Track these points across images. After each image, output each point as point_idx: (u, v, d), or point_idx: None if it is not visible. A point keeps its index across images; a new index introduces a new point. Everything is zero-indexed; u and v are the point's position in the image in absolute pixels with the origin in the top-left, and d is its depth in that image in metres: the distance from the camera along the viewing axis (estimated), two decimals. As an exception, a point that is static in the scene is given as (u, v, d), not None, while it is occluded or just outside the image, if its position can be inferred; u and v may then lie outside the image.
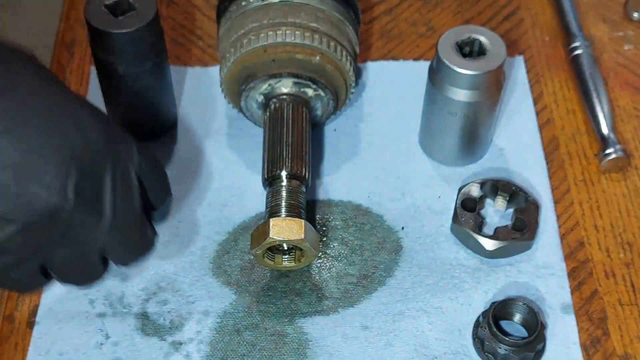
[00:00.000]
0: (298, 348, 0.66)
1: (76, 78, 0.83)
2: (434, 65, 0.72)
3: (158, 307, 0.68)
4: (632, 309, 0.68)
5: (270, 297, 0.69)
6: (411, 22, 0.88)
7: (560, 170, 0.77)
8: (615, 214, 0.74)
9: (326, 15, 0.73)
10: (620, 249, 0.72)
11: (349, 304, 0.69)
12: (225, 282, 0.70)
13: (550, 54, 0.85)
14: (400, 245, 0.72)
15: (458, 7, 0.89)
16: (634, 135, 0.79)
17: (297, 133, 0.71)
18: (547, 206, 0.74)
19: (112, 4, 0.70)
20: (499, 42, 0.70)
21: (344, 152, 0.78)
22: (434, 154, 0.77)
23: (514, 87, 0.82)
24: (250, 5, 0.73)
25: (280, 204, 0.67)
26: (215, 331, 0.67)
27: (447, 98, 0.71)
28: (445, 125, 0.73)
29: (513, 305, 0.66)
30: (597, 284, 0.70)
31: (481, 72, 0.69)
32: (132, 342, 0.66)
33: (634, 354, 0.66)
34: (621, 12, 0.88)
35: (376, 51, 0.85)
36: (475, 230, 0.70)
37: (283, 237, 0.65)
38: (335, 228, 0.73)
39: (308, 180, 0.70)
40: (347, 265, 0.71)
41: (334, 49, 0.72)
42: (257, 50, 0.72)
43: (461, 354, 0.66)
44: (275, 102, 0.73)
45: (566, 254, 0.71)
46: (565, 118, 0.80)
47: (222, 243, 0.72)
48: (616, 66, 0.84)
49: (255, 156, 0.75)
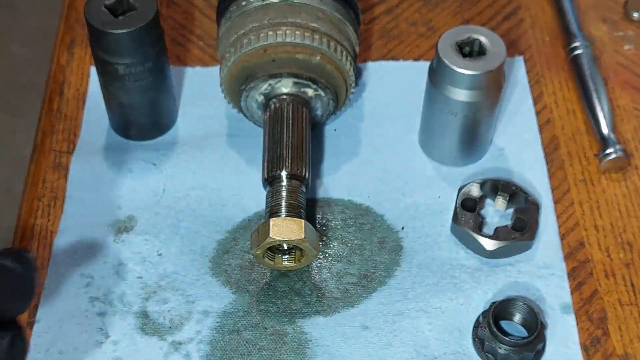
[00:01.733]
0: (298, 348, 0.66)
1: (76, 78, 0.83)
2: (434, 65, 0.72)
3: (158, 306, 0.68)
4: (632, 309, 0.68)
5: (270, 297, 0.69)
6: (411, 22, 0.88)
7: (560, 170, 0.77)
8: (615, 214, 0.74)
9: (326, 15, 0.73)
10: (620, 249, 0.72)
11: (349, 304, 0.69)
12: (225, 281, 0.70)
13: (550, 54, 0.85)
14: (400, 245, 0.72)
15: (458, 7, 0.89)
16: (634, 135, 0.79)
17: (297, 133, 0.71)
18: (547, 206, 0.74)
19: (112, 4, 0.70)
20: (499, 42, 0.71)
21: (344, 152, 0.78)
22: (434, 154, 0.77)
23: (514, 87, 0.82)
24: (251, 5, 0.73)
25: (280, 204, 0.67)
26: (215, 331, 0.67)
27: (447, 98, 0.71)
28: (445, 125, 0.73)
29: (513, 305, 0.66)
30: (597, 284, 0.70)
31: (481, 72, 0.69)
32: (132, 341, 0.66)
33: (634, 354, 0.66)
34: (621, 12, 0.88)
35: (376, 51, 0.85)
36: (475, 230, 0.70)
37: (283, 237, 0.65)
38: (335, 228, 0.73)
39: (308, 180, 0.70)
40: (347, 265, 0.71)
41: (334, 49, 0.72)
42: (257, 50, 0.72)
43: (461, 354, 0.66)
44: (275, 102, 0.73)
45: (566, 254, 0.71)
46: (565, 118, 0.80)
47: (222, 242, 0.72)
48: (616, 66, 0.84)
49: (255, 156, 0.75)
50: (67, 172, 0.76)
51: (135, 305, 0.68)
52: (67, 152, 0.77)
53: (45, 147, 0.78)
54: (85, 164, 0.76)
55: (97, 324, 0.67)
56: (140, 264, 0.70)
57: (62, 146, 0.78)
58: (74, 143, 0.78)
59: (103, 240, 0.72)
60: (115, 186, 0.75)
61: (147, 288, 0.69)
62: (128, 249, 0.71)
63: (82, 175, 0.76)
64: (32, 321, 0.67)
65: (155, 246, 0.71)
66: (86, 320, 0.67)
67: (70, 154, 0.77)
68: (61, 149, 0.78)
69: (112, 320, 0.67)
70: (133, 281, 0.69)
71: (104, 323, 0.67)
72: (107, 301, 0.68)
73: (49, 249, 0.71)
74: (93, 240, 0.72)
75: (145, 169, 0.76)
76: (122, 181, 0.75)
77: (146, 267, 0.70)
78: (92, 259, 0.70)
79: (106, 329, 0.67)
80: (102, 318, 0.67)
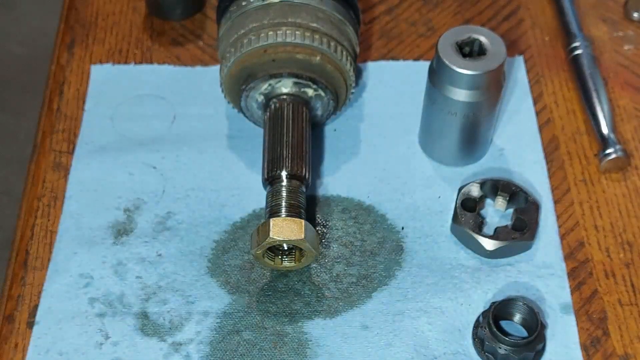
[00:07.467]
0: (298, 348, 0.66)
1: (76, 78, 0.83)
2: (434, 65, 0.72)
3: (158, 307, 0.68)
4: (632, 309, 0.68)
5: (269, 297, 0.69)
6: (411, 22, 0.88)
7: (560, 170, 0.77)
8: (615, 214, 0.74)
9: (326, 16, 0.73)
10: (620, 249, 0.72)
11: (349, 304, 0.69)
12: (224, 282, 0.70)
13: (550, 54, 0.85)
14: (400, 245, 0.72)
15: (458, 7, 0.89)
16: (634, 135, 0.79)
17: (297, 133, 0.71)
18: (547, 206, 0.74)
19: None
20: (499, 42, 0.70)
21: (344, 152, 0.78)
22: (434, 154, 0.77)
23: (514, 87, 0.82)
24: (251, 5, 0.73)
25: (280, 204, 0.67)
26: (215, 331, 0.67)
27: (447, 98, 0.71)
28: (445, 125, 0.73)
29: (513, 305, 0.66)
30: (597, 284, 0.70)
31: (481, 72, 0.69)
32: (132, 342, 0.66)
33: (634, 354, 0.66)
34: (621, 12, 0.88)
35: (376, 51, 0.85)
36: (475, 230, 0.70)
37: (283, 237, 0.65)
38: (335, 228, 0.73)
39: (308, 180, 0.70)
40: (347, 266, 0.71)
41: (334, 49, 0.72)
42: (257, 50, 0.72)
43: (461, 354, 0.66)
44: (276, 102, 0.73)
45: (566, 254, 0.71)
46: (565, 118, 0.80)
47: (222, 243, 0.72)
48: (616, 66, 0.84)
49: (255, 156, 0.75)
50: (67, 172, 0.76)
51: (135, 306, 0.68)
52: (67, 152, 0.77)
53: (45, 147, 0.78)
54: (85, 164, 0.76)
55: (96, 325, 0.67)
56: (139, 265, 0.70)
57: (62, 146, 0.78)
58: (74, 143, 0.78)
59: (103, 241, 0.72)
60: (115, 186, 0.75)
61: (146, 289, 0.69)
62: (127, 249, 0.71)
63: (82, 175, 0.76)
64: (31, 322, 0.67)
65: (155, 247, 0.71)
66: (86, 321, 0.67)
67: (70, 154, 0.77)
68: (61, 149, 0.78)
69: (111, 321, 0.67)
70: (133, 282, 0.69)
71: (103, 324, 0.67)
72: (106, 302, 0.68)
73: (49, 249, 0.71)
74: (93, 240, 0.72)
75: (145, 169, 0.76)
76: (122, 181, 0.75)
77: (146, 268, 0.70)
78: (92, 260, 0.70)
79: (106, 330, 0.67)
80: (102, 319, 0.67)
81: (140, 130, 0.79)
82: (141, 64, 0.84)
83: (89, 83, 0.82)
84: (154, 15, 0.87)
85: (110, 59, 0.84)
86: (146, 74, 0.83)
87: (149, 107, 0.81)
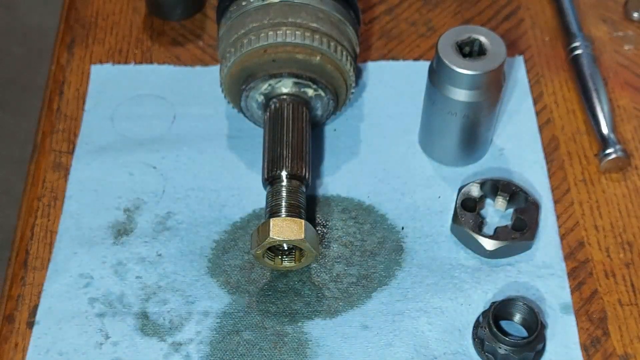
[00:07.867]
0: (298, 348, 0.66)
1: (76, 78, 0.83)
2: (434, 65, 0.72)
3: (158, 307, 0.68)
4: (632, 309, 0.68)
5: (269, 297, 0.69)
6: (411, 22, 0.88)
7: (560, 170, 0.77)
8: (615, 214, 0.74)
9: (326, 16, 0.73)
10: (620, 249, 0.72)
11: (349, 304, 0.69)
12: (224, 282, 0.70)
13: (550, 54, 0.85)
14: (400, 245, 0.72)
15: (458, 7, 0.89)
16: (634, 135, 0.79)
17: (297, 133, 0.71)
18: (547, 206, 0.74)
19: None
20: (499, 42, 0.70)
21: (344, 152, 0.78)
22: (434, 154, 0.77)
23: (514, 87, 0.82)
24: (251, 5, 0.73)
25: (280, 204, 0.67)
26: (215, 331, 0.67)
27: (447, 98, 0.71)
28: (445, 125, 0.73)
29: (513, 305, 0.66)
30: (597, 284, 0.70)
31: (481, 72, 0.69)
32: (132, 342, 0.66)
33: (634, 354, 0.66)
34: (621, 12, 0.88)
35: (376, 51, 0.85)
36: (475, 230, 0.70)
37: (283, 237, 0.65)
38: (335, 228, 0.73)
39: (308, 180, 0.70)
40: (347, 266, 0.71)
41: (334, 49, 0.72)
42: (257, 50, 0.72)
43: (461, 354, 0.66)
44: (276, 102, 0.73)
45: (566, 254, 0.71)
46: (565, 118, 0.80)
47: (222, 243, 0.72)
48: (616, 66, 0.84)
49: (255, 156, 0.75)
50: (67, 172, 0.76)
51: (135, 306, 0.68)
52: (67, 152, 0.77)
53: (45, 147, 0.78)
54: (85, 164, 0.76)
55: (96, 325, 0.67)
56: (139, 265, 0.70)
57: (62, 146, 0.78)
58: (74, 143, 0.78)
59: (103, 241, 0.72)
60: (115, 186, 0.75)
61: (146, 289, 0.69)
62: (127, 249, 0.71)
63: (82, 175, 0.76)
64: (31, 322, 0.67)
65: (155, 247, 0.71)
66: (86, 321, 0.67)
67: (70, 154, 0.77)
68: (61, 149, 0.78)
69: (111, 321, 0.67)
70: (132, 282, 0.69)
71: (103, 324, 0.67)
72: (106, 302, 0.68)
73: (49, 249, 0.71)
74: (93, 240, 0.72)
75: (145, 169, 0.76)
76: (122, 181, 0.75)
77: (146, 268, 0.70)
78: (92, 260, 0.70)
79: (106, 330, 0.67)
80: (102, 319, 0.67)
81: (140, 130, 0.79)
82: (141, 64, 0.84)
83: (89, 83, 0.82)
84: (154, 15, 0.87)
85: (110, 59, 0.84)
86: (146, 74, 0.83)
87: (149, 107, 0.81)
